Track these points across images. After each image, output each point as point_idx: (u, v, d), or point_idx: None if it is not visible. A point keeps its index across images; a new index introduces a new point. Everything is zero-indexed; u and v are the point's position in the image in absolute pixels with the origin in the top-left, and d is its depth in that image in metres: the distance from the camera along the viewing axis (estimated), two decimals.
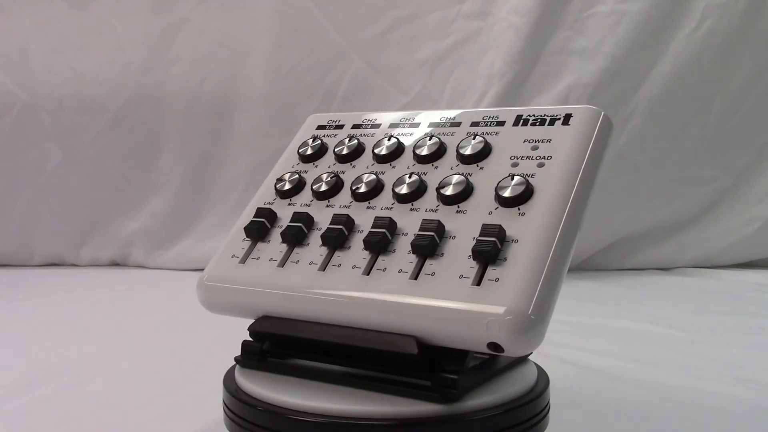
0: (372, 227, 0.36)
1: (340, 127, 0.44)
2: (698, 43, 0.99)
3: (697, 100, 1.02)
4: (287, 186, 0.41)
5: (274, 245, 0.39)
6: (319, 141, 0.43)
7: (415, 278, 0.34)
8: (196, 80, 1.10)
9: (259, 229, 0.40)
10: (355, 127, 0.44)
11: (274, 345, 0.38)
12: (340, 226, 0.37)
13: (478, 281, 0.32)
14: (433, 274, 0.34)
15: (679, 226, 1.07)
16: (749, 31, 1.01)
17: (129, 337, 0.70)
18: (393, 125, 0.43)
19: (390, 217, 0.36)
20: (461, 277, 0.33)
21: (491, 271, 0.33)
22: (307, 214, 0.39)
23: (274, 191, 0.42)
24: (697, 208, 1.07)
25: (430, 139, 0.40)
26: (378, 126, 0.43)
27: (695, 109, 1.03)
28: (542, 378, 0.38)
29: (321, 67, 1.08)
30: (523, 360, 0.39)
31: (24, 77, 1.12)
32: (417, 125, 0.42)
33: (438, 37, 1.05)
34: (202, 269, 0.42)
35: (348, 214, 0.38)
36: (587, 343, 0.64)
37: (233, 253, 0.40)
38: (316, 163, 0.43)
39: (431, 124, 0.42)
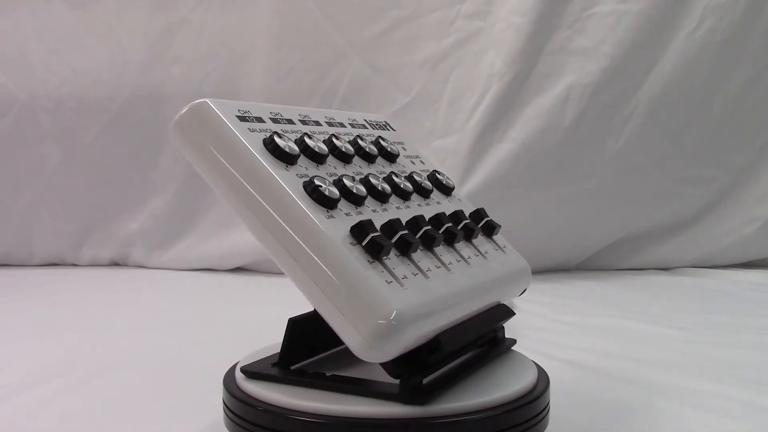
0: (451, 224, 0.40)
1: (260, 119, 0.38)
2: (698, 43, 0.99)
3: (697, 100, 1.02)
4: (334, 194, 0.35)
5: (391, 259, 0.34)
6: (303, 137, 0.38)
7: (486, 258, 0.41)
8: (196, 80, 1.10)
9: (387, 246, 0.34)
10: (276, 121, 0.39)
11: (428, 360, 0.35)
12: (438, 226, 0.39)
13: (502, 250, 0.44)
14: (486, 252, 0.42)
15: (679, 226, 1.07)
16: (749, 32, 1.01)
17: (129, 337, 0.70)
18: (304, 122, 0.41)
19: (463, 210, 0.43)
20: (496, 249, 0.43)
21: (496, 241, 0.45)
22: (398, 219, 0.36)
23: (315, 200, 0.34)
24: (697, 208, 1.07)
25: (362, 140, 0.42)
26: (291, 122, 0.40)
27: (695, 109, 1.03)
28: (542, 378, 0.39)
29: (321, 67, 1.08)
30: None
31: (23, 77, 1.12)
32: (318, 123, 0.42)
33: (438, 37, 1.05)
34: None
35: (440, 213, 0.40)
36: (587, 343, 0.64)
37: (385, 279, 0.33)
38: (324, 162, 0.38)
39: (331, 124, 0.43)
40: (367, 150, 0.41)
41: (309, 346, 0.40)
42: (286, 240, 0.33)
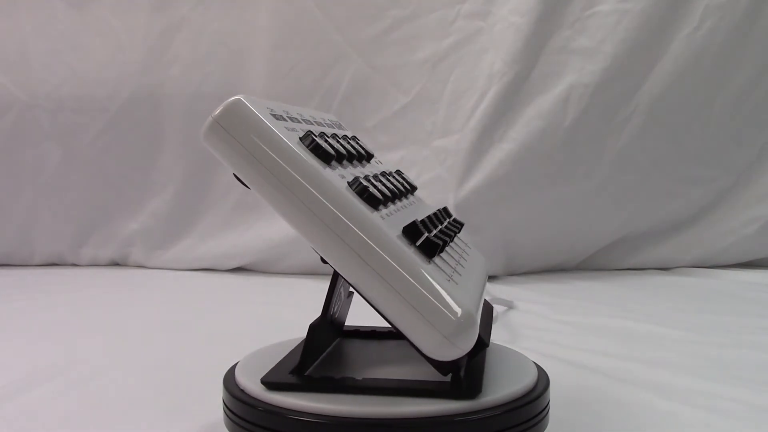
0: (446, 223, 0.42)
1: (283, 118, 0.38)
2: (699, 43, 0.99)
3: (697, 100, 1.02)
4: (378, 194, 0.35)
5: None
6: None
7: (469, 254, 0.43)
8: (195, 80, 1.10)
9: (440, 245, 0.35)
10: (293, 120, 0.39)
11: None
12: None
13: (469, 246, 0.46)
14: (465, 249, 0.43)
15: (679, 226, 1.07)
16: (750, 31, 1.01)
17: (129, 337, 0.70)
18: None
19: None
20: (466, 245, 0.45)
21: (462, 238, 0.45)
22: (427, 219, 0.39)
23: (365, 200, 0.34)
24: (697, 208, 1.07)
25: (349, 140, 0.42)
26: (299, 121, 0.40)
27: (696, 109, 1.03)
28: (542, 378, 0.39)
29: (321, 67, 1.08)
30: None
31: (23, 77, 1.12)
32: (310, 122, 0.42)
33: (438, 37, 1.05)
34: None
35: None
36: (587, 343, 0.64)
37: (445, 279, 0.34)
38: (343, 162, 0.38)
39: (317, 123, 0.42)
40: (358, 150, 0.41)
41: (318, 351, 0.40)
42: (355, 243, 0.32)
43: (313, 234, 0.33)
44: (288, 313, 0.80)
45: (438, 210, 0.43)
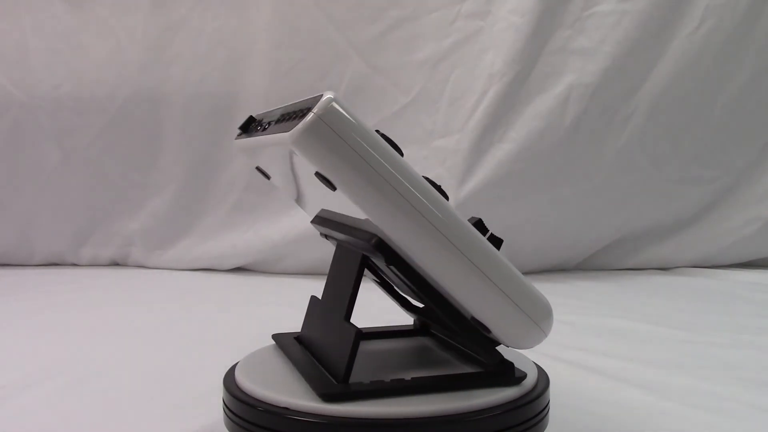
0: None
1: None
2: (699, 43, 0.99)
3: (698, 100, 1.03)
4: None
5: None
6: None
7: None
8: (195, 80, 1.10)
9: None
10: None
11: None
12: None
13: None
14: None
15: (679, 226, 1.07)
16: (750, 31, 1.01)
17: (129, 337, 0.70)
18: None
19: None
20: None
21: None
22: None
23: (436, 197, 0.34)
24: (697, 208, 1.08)
25: None
26: None
27: (696, 109, 1.03)
28: (542, 378, 0.39)
29: (321, 67, 1.08)
30: None
31: (22, 77, 1.12)
32: None
33: (438, 37, 1.05)
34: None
35: None
36: (587, 343, 0.64)
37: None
38: None
39: None
40: None
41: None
42: (457, 239, 0.33)
43: (408, 229, 0.33)
44: (287, 313, 0.79)
45: None
